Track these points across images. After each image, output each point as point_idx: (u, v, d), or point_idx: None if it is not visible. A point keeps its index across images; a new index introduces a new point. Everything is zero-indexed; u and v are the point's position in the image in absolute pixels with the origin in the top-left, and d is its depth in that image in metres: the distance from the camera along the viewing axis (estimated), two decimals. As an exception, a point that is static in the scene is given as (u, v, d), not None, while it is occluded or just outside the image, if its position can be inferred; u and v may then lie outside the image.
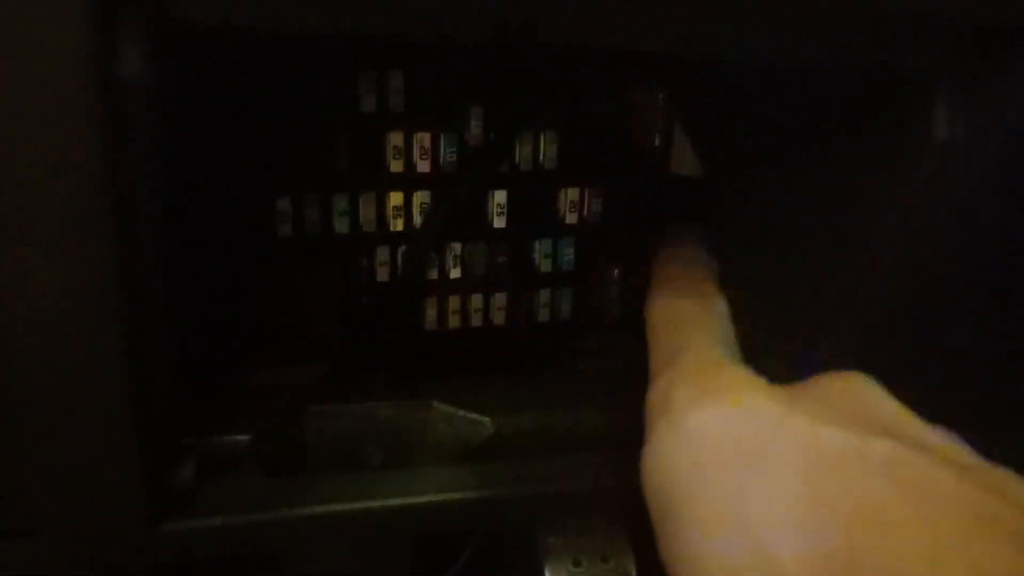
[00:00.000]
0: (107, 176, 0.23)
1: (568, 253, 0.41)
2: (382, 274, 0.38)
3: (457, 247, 0.39)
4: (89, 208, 0.24)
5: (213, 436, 0.32)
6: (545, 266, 0.41)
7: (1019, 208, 0.27)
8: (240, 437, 0.32)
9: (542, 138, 0.38)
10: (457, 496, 0.33)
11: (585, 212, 0.40)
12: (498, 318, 0.41)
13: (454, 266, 0.39)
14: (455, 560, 0.55)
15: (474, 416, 0.35)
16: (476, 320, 0.41)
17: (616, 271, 0.42)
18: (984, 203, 0.26)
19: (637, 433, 0.35)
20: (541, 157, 0.38)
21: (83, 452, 0.28)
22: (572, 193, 0.39)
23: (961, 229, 0.26)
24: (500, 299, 0.41)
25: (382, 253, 0.38)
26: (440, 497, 0.33)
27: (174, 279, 0.29)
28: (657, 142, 0.39)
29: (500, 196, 0.38)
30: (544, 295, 0.41)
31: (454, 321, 0.40)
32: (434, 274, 0.39)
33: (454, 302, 0.40)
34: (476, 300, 0.40)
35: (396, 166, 0.36)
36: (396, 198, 0.37)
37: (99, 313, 0.26)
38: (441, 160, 0.37)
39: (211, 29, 0.20)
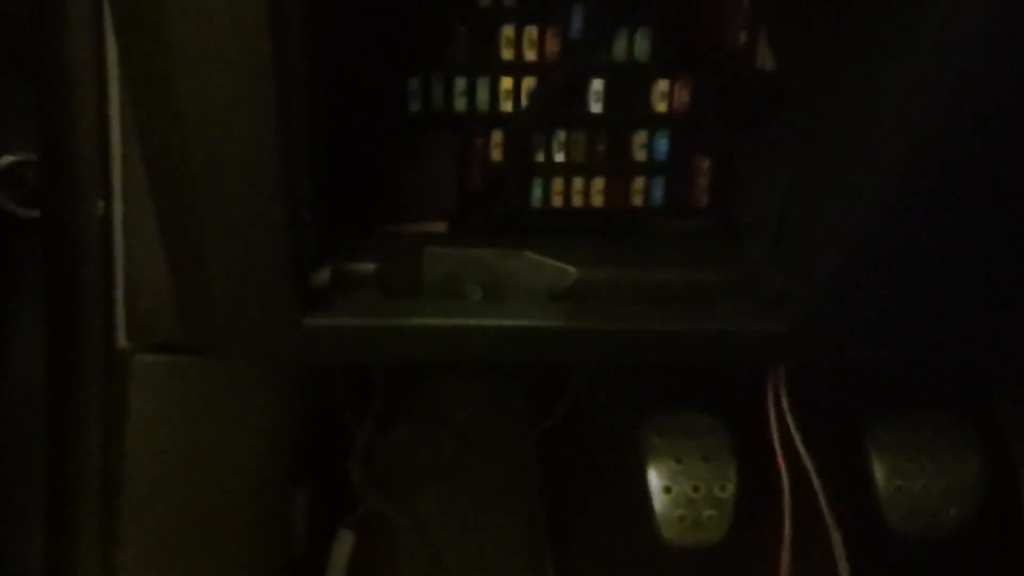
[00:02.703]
0: (273, 54, 0.32)
1: (662, 144, 0.46)
2: (496, 155, 0.45)
3: (562, 134, 0.45)
4: (261, 86, 0.32)
5: (347, 260, 0.39)
6: (640, 156, 0.46)
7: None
8: (367, 265, 0.40)
9: (636, 33, 0.43)
10: (549, 324, 0.39)
11: (675, 103, 0.45)
12: (597, 200, 0.46)
13: (558, 151, 0.45)
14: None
15: (560, 265, 0.41)
16: (577, 201, 0.46)
17: (705, 162, 0.47)
18: (991, 74, 0.29)
19: (715, 291, 0.40)
20: (635, 50, 0.43)
21: (250, 262, 0.37)
22: (663, 84, 0.44)
23: (967, 96, 0.30)
24: (599, 183, 0.46)
25: (496, 136, 0.45)
26: (533, 323, 0.39)
27: (321, 140, 0.37)
28: (743, 39, 0.44)
29: (597, 84, 0.44)
30: (639, 182, 0.47)
31: (557, 200, 0.46)
32: (540, 157, 0.46)
33: (558, 183, 0.46)
34: (577, 183, 0.46)
35: (507, 54, 0.43)
36: (507, 82, 0.43)
37: (264, 157, 0.34)
38: (546, 51, 0.43)
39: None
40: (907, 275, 0.38)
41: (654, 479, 0.65)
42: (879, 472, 0.68)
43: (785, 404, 0.51)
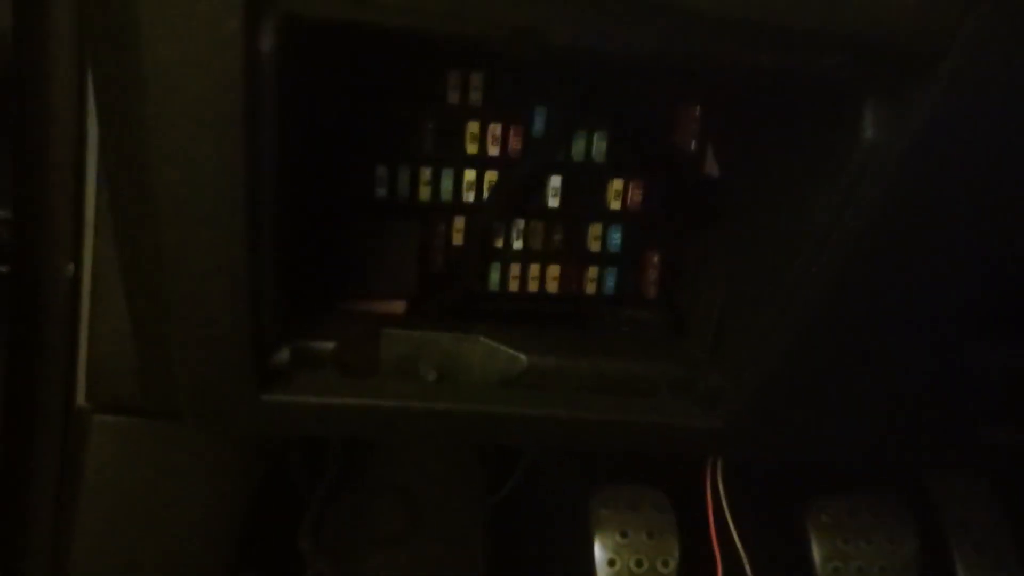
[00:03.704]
0: (245, 140, 0.33)
1: (615, 238, 0.48)
2: (457, 239, 0.47)
3: (521, 223, 0.48)
4: (232, 170, 0.34)
5: (306, 339, 0.41)
6: (595, 247, 0.48)
7: (937, 207, 0.33)
8: (326, 343, 0.41)
9: (594, 136, 0.46)
10: (499, 410, 0.41)
11: (628, 202, 0.47)
12: (551, 287, 0.49)
13: (517, 238, 0.48)
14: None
15: (512, 352, 0.43)
16: (533, 286, 0.49)
17: (656, 256, 0.49)
18: (908, 202, 0.32)
19: (657, 384, 0.42)
20: (592, 151, 0.46)
21: (212, 339, 0.38)
22: (617, 184, 0.47)
23: (884, 225, 0.33)
24: (554, 271, 0.49)
25: (458, 222, 0.47)
26: (484, 408, 0.41)
27: (287, 223, 0.39)
28: (693, 147, 0.47)
29: (556, 180, 0.46)
30: (592, 271, 0.49)
31: (513, 285, 0.49)
32: (500, 243, 0.48)
33: (515, 269, 0.48)
34: (534, 269, 0.49)
35: (472, 149, 0.45)
36: (470, 175, 0.45)
37: (231, 239, 0.36)
38: (509, 147, 0.45)
39: (322, 23, 0.30)
40: (837, 379, 0.40)
41: (599, 552, 0.66)
42: (817, 553, 0.70)
43: (722, 488, 0.53)
